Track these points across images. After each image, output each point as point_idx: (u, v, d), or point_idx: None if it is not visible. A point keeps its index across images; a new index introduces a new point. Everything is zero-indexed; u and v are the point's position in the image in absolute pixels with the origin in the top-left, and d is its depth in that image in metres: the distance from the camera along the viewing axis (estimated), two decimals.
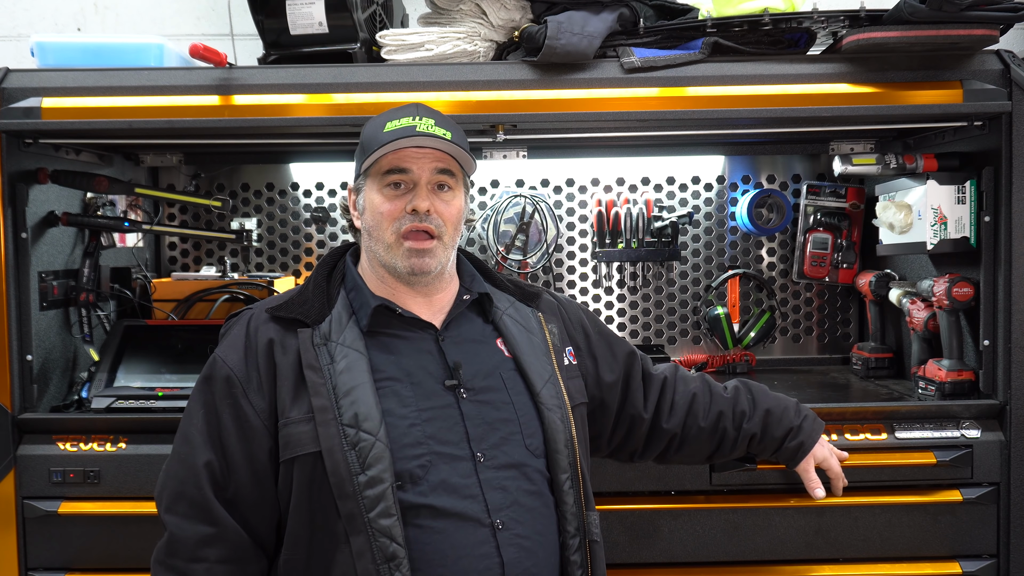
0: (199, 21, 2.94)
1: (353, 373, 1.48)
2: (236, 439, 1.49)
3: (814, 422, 1.87)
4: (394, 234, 1.56)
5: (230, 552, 1.47)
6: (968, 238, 2.24)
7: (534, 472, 1.54)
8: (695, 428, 1.81)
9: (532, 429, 1.56)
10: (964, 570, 2.11)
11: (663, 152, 2.86)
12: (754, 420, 1.82)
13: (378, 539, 1.41)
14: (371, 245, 1.60)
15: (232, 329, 1.58)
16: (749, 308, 2.91)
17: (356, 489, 1.42)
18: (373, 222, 1.58)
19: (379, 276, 1.61)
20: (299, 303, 1.57)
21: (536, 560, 1.49)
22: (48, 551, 2.11)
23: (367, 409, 1.45)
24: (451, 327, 1.62)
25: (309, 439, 1.45)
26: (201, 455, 1.49)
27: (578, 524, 1.56)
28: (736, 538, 2.11)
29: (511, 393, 1.58)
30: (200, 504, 1.47)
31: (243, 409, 1.49)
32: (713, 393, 1.85)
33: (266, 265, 2.93)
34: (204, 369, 1.55)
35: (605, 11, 2.12)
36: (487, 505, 1.47)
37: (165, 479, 1.52)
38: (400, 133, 1.55)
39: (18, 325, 2.13)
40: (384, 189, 1.58)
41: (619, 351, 1.81)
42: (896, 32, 2.02)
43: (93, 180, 2.32)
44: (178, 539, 1.47)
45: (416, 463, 1.46)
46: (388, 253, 1.57)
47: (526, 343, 1.63)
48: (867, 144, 2.65)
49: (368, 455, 1.43)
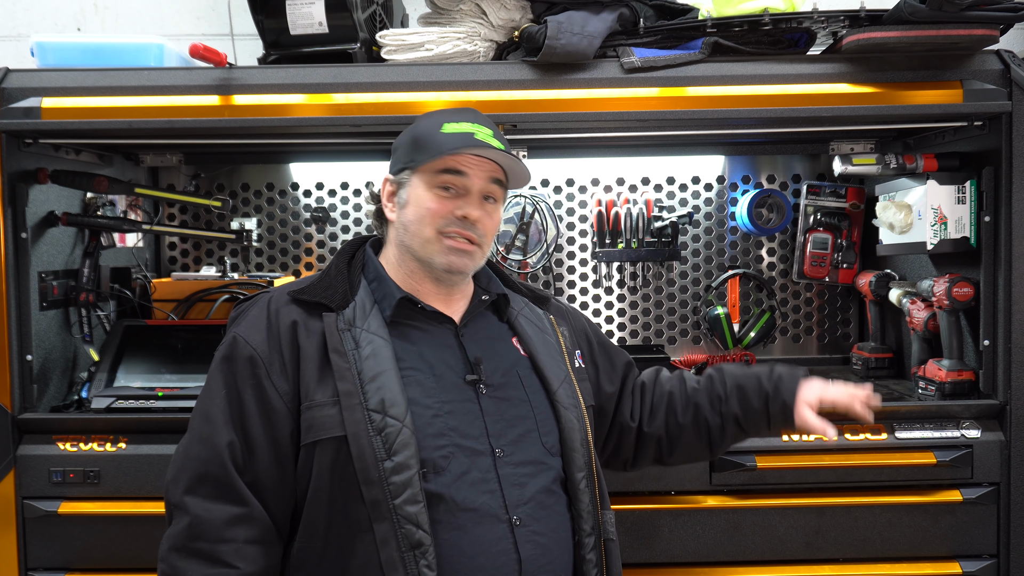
0: (199, 21, 2.94)
1: (379, 359, 1.47)
2: (259, 421, 1.46)
3: (790, 377, 1.74)
4: (436, 230, 1.55)
5: (258, 533, 1.43)
6: (968, 238, 2.24)
7: (551, 471, 1.54)
8: (676, 427, 1.77)
9: (548, 428, 1.57)
10: (964, 570, 2.11)
11: (663, 152, 2.86)
12: (731, 401, 1.75)
13: (404, 526, 1.39)
14: (406, 239, 1.58)
15: (249, 311, 1.55)
16: (749, 308, 2.90)
17: (382, 475, 1.40)
18: (415, 216, 1.56)
19: (407, 270, 1.60)
20: (322, 287, 1.55)
21: (552, 557, 1.50)
22: (48, 551, 2.11)
23: (393, 395, 1.44)
24: (469, 324, 1.62)
25: (334, 423, 1.43)
26: (224, 435, 1.44)
27: (593, 523, 1.56)
28: (736, 538, 2.12)
29: (528, 391, 1.58)
30: (226, 484, 1.43)
31: (266, 391, 1.46)
32: (688, 388, 1.80)
33: (266, 265, 2.93)
34: (223, 348, 1.51)
35: (605, 11, 2.12)
36: (505, 501, 1.47)
37: (184, 461, 1.46)
38: (463, 140, 1.54)
39: (18, 325, 2.13)
40: (435, 188, 1.56)
41: (618, 362, 1.81)
42: (896, 32, 2.02)
43: (93, 180, 2.32)
44: (203, 521, 1.41)
45: (439, 453, 1.46)
46: (425, 248, 1.56)
47: (541, 343, 1.65)
48: (867, 144, 2.65)
49: (395, 441, 1.42)
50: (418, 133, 1.60)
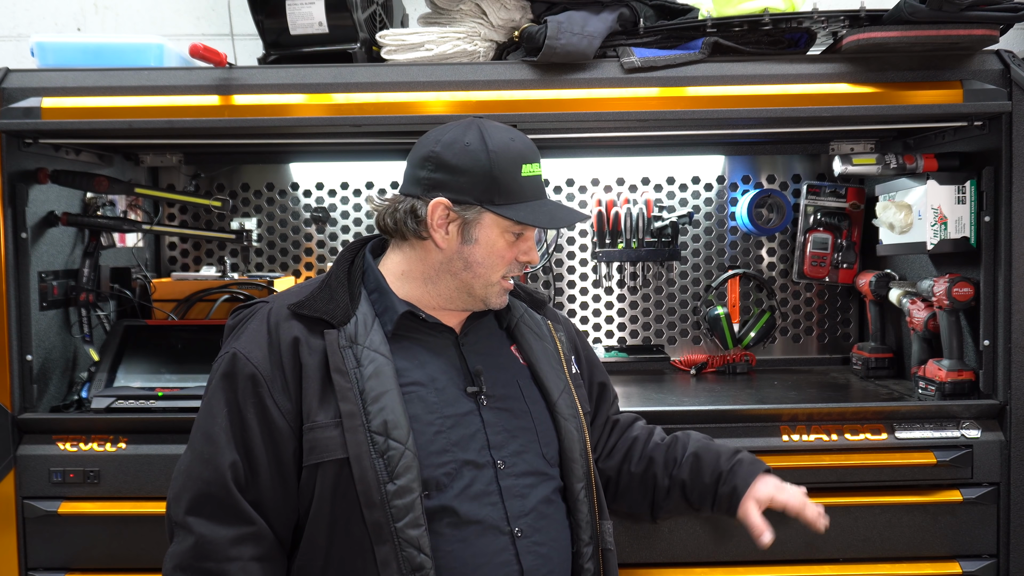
0: (199, 21, 2.94)
1: (381, 379, 1.45)
2: (262, 440, 1.44)
3: (751, 464, 1.67)
4: (502, 277, 1.56)
5: (264, 551, 1.43)
6: (968, 238, 2.23)
7: (550, 481, 1.55)
8: (627, 475, 1.73)
9: (548, 438, 1.57)
10: (964, 570, 2.11)
11: (663, 152, 2.86)
12: (683, 468, 1.69)
13: (405, 549, 1.39)
14: (465, 276, 1.54)
15: (248, 323, 1.52)
16: (749, 308, 2.90)
17: (384, 498, 1.40)
18: (486, 260, 1.53)
19: (436, 293, 1.56)
20: (323, 301, 1.51)
21: (552, 568, 1.50)
22: (48, 551, 2.11)
23: (396, 417, 1.43)
24: (469, 332, 1.62)
25: (336, 445, 1.42)
26: (227, 456, 1.43)
27: (592, 532, 1.56)
28: (736, 538, 2.11)
29: (528, 402, 1.58)
30: (229, 505, 1.42)
31: (269, 409, 1.44)
32: (651, 442, 1.75)
33: (266, 265, 2.93)
34: (223, 364, 1.48)
35: (605, 11, 2.12)
36: (507, 512, 1.47)
37: (185, 480, 1.45)
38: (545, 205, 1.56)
39: (18, 325, 2.13)
40: (507, 234, 1.54)
41: (595, 381, 1.80)
42: (896, 32, 2.02)
43: (93, 180, 2.32)
44: (209, 541, 1.40)
45: (442, 471, 1.45)
46: (487, 289, 1.55)
47: (540, 351, 1.64)
48: (867, 144, 2.65)
49: (398, 464, 1.41)
50: (497, 171, 1.50)
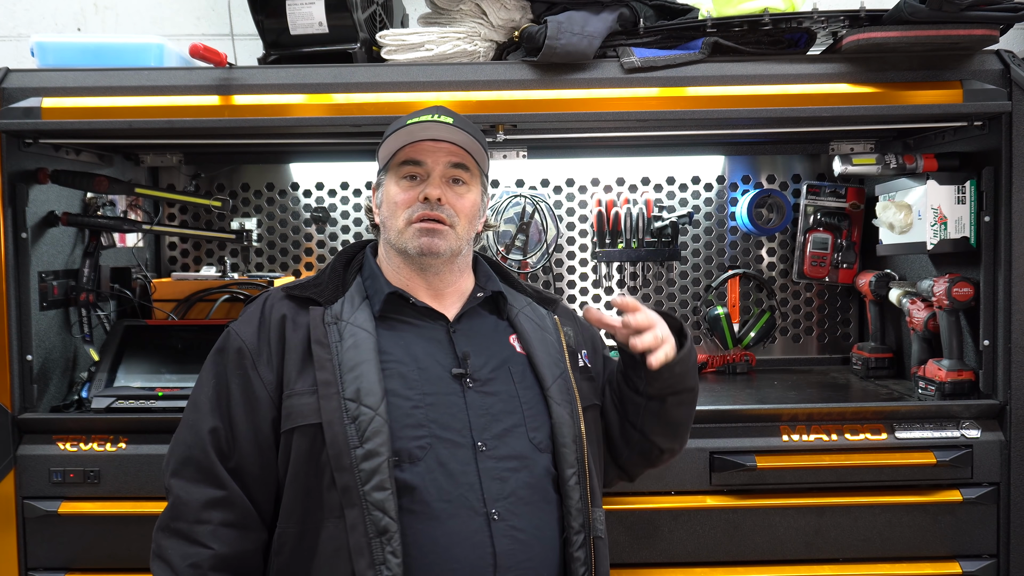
0: (199, 21, 2.94)
1: (360, 351, 1.51)
2: (242, 409, 1.52)
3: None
4: (406, 220, 1.61)
5: (235, 516, 1.49)
6: (968, 238, 2.24)
7: (537, 467, 1.54)
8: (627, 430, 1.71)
9: (538, 423, 1.57)
10: (964, 570, 2.11)
11: (663, 152, 2.86)
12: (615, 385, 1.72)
13: (371, 512, 1.42)
14: (387, 235, 1.65)
15: (249, 308, 1.63)
16: (749, 308, 2.90)
17: (353, 462, 1.44)
18: (389, 211, 1.63)
19: (395, 267, 1.65)
20: (314, 284, 1.62)
21: (531, 554, 1.49)
22: (48, 551, 2.11)
23: (369, 384, 1.48)
24: (463, 321, 1.64)
25: (311, 411, 1.48)
26: (208, 421, 1.52)
27: (584, 520, 1.55)
28: (736, 538, 2.12)
29: (519, 387, 1.59)
30: (206, 468, 1.50)
31: (251, 380, 1.53)
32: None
33: (266, 265, 2.93)
34: (218, 341, 1.60)
35: (605, 11, 2.12)
36: (483, 494, 1.48)
37: (173, 445, 1.55)
38: (414, 130, 1.61)
39: (18, 325, 2.13)
40: (400, 181, 1.63)
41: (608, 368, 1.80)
42: (896, 32, 2.02)
43: (93, 180, 2.32)
44: (183, 502, 1.49)
45: (415, 443, 1.48)
46: (400, 238, 1.61)
47: (539, 340, 1.65)
48: (867, 144, 2.65)
49: (367, 429, 1.45)
50: (385, 135, 1.67)
